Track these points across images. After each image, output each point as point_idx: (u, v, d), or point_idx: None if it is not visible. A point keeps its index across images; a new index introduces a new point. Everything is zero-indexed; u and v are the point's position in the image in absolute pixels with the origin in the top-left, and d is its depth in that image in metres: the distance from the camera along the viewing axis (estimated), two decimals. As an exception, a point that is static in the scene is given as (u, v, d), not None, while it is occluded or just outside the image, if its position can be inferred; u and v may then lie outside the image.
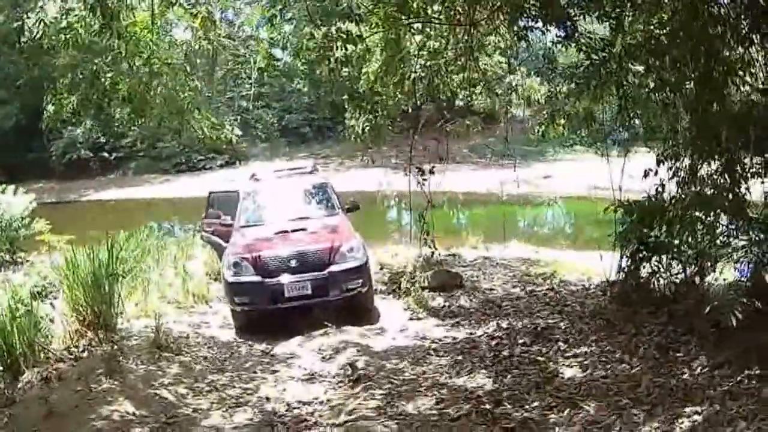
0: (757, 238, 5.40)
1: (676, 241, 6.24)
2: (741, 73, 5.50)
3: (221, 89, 34.57)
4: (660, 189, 6.33)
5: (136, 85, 7.67)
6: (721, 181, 5.68)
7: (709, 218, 5.80)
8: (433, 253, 9.10)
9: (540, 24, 7.24)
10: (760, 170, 5.62)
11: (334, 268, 7.50)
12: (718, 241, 5.76)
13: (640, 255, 6.60)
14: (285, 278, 7.40)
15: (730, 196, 5.61)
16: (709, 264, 5.84)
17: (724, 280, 5.65)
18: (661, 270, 6.42)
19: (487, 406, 4.76)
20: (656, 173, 6.37)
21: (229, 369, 6.39)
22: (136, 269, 8.90)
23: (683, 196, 6.09)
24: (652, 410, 4.35)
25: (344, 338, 6.91)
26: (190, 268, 9.92)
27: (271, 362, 6.61)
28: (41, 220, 12.88)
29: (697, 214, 5.86)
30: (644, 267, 6.60)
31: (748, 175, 5.63)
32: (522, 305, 7.62)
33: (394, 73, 7.86)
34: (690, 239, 6.03)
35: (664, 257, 6.42)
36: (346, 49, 7.06)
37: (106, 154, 30.13)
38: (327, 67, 7.23)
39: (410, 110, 10.55)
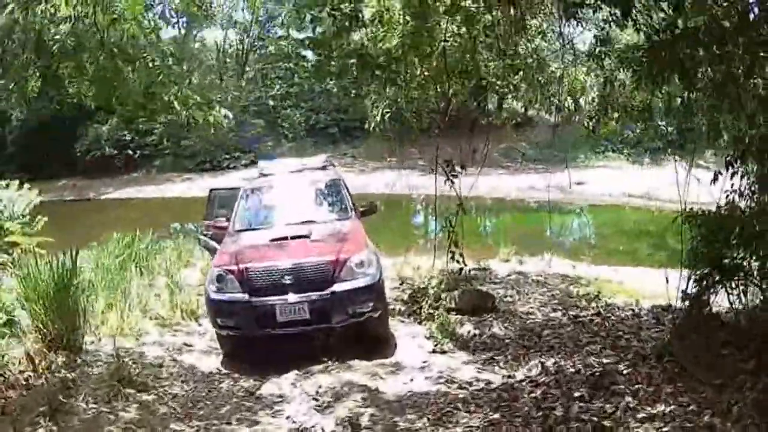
0: None
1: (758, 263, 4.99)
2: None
3: (250, 88, 34.11)
4: (733, 197, 5.15)
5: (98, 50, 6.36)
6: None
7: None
8: (461, 269, 7.76)
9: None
10: None
11: (338, 286, 6.15)
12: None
13: (712, 278, 5.26)
14: (277, 298, 6.09)
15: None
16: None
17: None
18: (740, 298, 5.17)
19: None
20: (730, 176, 5.14)
21: (200, 414, 5.08)
22: (119, 279, 7.88)
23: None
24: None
25: (349, 377, 5.61)
26: (185, 278, 8.89)
27: (254, 407, 5.26)
28: (42, 219, 12.05)
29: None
30: (715, 293, 5.30)
31: None
32: (566, 335, 6.30)
33: (419, 42, 6.55)
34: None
35: (740, 282, 5.16)
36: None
37: (130, 152, 29.44)
38: (334, 23, 6.00)
39: (439, 103, 9.26)
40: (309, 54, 32.17)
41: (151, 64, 6.62)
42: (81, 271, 7.49)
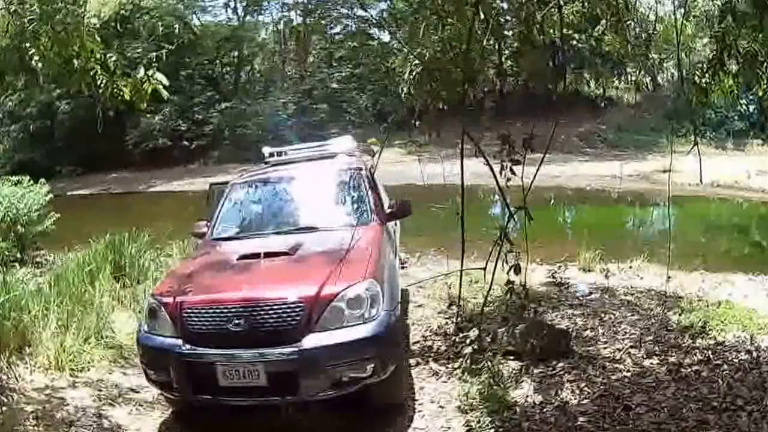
0: None
1: None
2: None
3: (313, 71, 32.69)
4: None
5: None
6: None
7: None
8: (524, 293, 5.49)
9: None
10: None
11: (314, 339, 4.03)
12: None
13: None
14: (220, 352, 4.09)
15: None
16: None
17: None
18: None
19: None
20: None
21: None
22: (82, 293, 6.29)
23: None
24: None
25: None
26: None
27: None
28: (53, 216, 10.77)
29: None
30: None
31: None
32: (665, 404, 4.20)
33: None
34: None
35: None
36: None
37: (186, 143, 28.53)
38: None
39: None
40: (375, 31, 30.59)
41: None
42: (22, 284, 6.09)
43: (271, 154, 6.80)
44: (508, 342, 5.13)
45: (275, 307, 4.11)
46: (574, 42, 20.33)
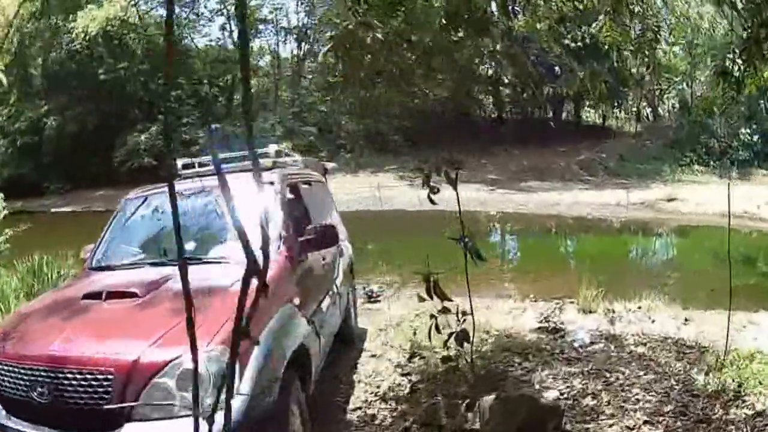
0: None
1: None
2: None
3: (303, 93, 32.10)
4: None
5: None
6: None
7: None
8: (470, 367, 4.21)
9: None
10: None
11: (129, 430, 2.82)
12: None
13: None
14: (29, 427, 2.97)
15: None
16: None
17: None
18: None
19: None
20: None
21: None
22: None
23: None
24: None
25: None
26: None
27: None
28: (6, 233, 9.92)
29: None
30: None
31: None
32: None
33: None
34: None
35: None
36: None
37: (172, 162, 27.75)
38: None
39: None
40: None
41: None
42: None
43: (185, 166, 5.65)
44: (475, 419, 3.85)
45: (82, 374, 2.90)
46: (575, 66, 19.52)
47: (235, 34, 33.31)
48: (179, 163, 5.68)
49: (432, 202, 3.97)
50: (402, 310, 6.94)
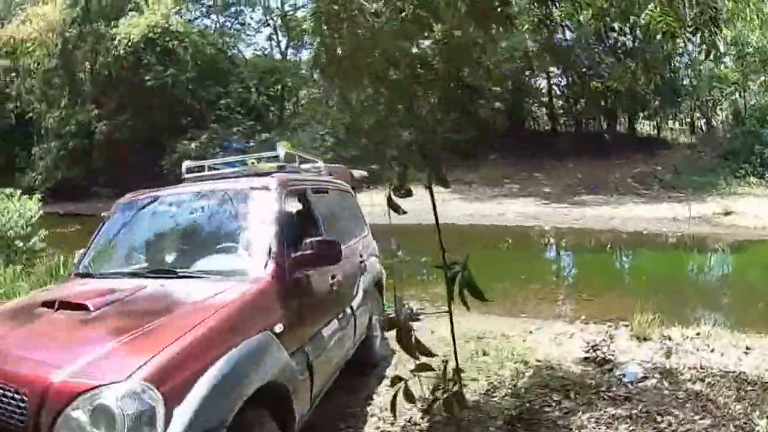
0: None
1: None
2: None
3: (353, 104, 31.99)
4: None
5: None
6: None
7: None
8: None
9: None
10: None
11: None
12: None
13: None
14: None
15: None
16: None
17: None
18: None
19: None
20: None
21: None
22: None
23: None
24: None
25: None
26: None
27: None
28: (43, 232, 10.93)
29: None
30: None
31: None
32: None
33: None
34: None
35: None
36: None
37: (224, 170, 28.12)
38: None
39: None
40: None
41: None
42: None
43: (190, 170, 5.37)
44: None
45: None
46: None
47: (283, 44, 33.69)
48: (183, 165, 5.46)
49: (397, 212, 3.49)
50: (444, 331, 6.42)
